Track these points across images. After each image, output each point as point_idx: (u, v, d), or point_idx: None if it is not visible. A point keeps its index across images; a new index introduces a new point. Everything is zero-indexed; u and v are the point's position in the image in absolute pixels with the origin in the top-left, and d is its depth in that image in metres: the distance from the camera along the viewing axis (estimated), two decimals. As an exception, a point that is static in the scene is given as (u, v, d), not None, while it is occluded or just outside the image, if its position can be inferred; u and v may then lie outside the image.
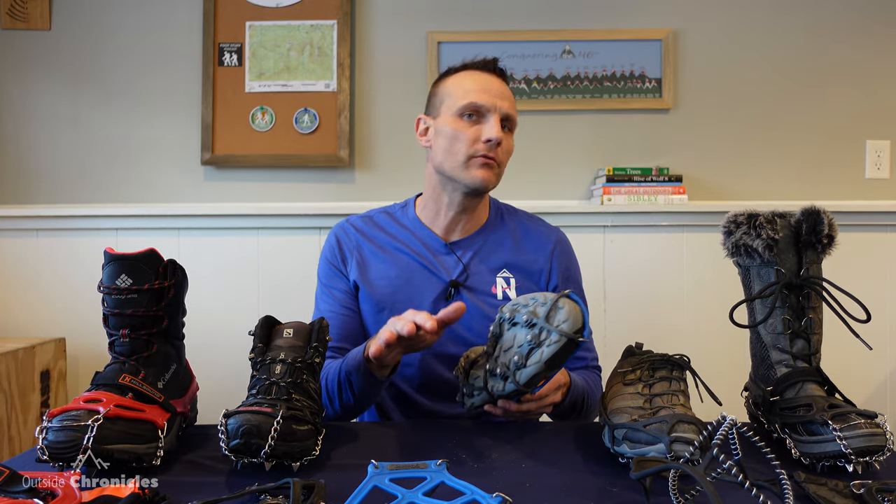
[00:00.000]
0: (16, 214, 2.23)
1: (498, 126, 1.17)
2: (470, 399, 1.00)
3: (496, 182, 1.22)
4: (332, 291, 1.27)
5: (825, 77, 2.28)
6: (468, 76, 1.22)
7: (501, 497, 0.65)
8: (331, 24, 2.29)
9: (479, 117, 1.18)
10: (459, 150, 1.18)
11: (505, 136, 1.19)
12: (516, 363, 0.87)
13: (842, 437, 0.78)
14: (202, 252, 2.23)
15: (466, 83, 1.21)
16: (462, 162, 1.18)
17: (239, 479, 0.79)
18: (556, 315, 0.85)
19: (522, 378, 0.87)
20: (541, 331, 0.86)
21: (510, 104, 1.21)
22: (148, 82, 2.31)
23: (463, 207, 1.24)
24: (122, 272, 0.86)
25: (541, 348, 0.85)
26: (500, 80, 1.23)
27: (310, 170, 2.31)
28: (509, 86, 1.25)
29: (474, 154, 1.18)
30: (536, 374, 0.85)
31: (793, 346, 0.93)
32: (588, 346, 1.27)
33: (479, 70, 1.23)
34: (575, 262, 1.33)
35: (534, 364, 0.86)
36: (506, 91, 1.22)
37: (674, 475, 0.69)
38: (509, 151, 1.23)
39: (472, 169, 1.18)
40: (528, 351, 0.86)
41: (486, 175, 1.18)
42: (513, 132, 1.24)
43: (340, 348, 1.22)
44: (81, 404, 0.79)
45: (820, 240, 0.94)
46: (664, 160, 2.28)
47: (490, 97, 1.18)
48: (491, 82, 1.21)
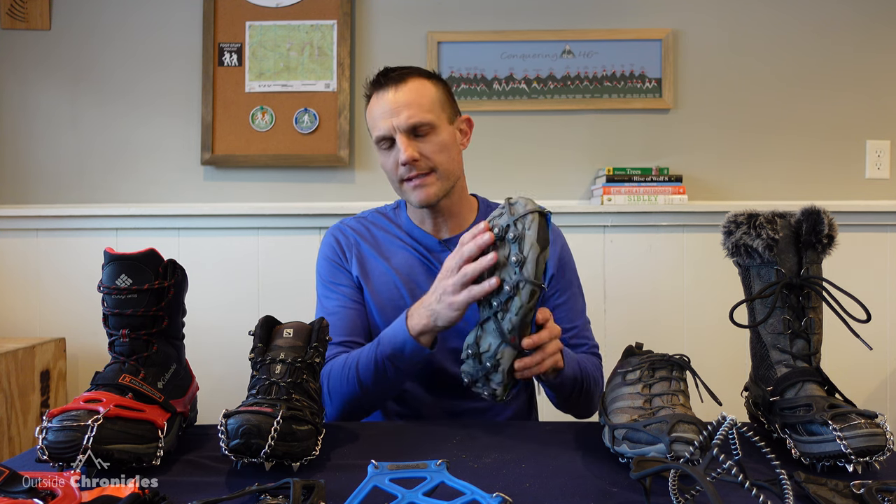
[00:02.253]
0: (16, 214, 2.23)
1: (405, 144, 1.16)
2: (497, 373, 0.97)
3: (444, 185, 1.20)
4: (337, 288, 1.26)
5: (825, 77, 2.29)
6: (372, 105, 1.22)
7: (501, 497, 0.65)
8: (331, 24, 2.29)
9: (391, 142, 1.19)
10: (392, 179, 1.23)
11: (423, 142, 1.18)
12: (517, 261, 0.92)
13: (842, 437, 0.78)
14: (202, 252, 2.23)
15: (371, 115, 1.22)
16: (399, 188, 1.22)
17: (239, 479, 0.79)
18: (516, 207, 0.94)
19: (530, 269, 0.91)
20: (515, 224, 0.93)
21: (411, 110, 1.16)
22: (148, 82, 2.31)
23: (435, 214, 1.25)
24: (122, 272, 0.86)
25: (525, 235, 0.92)
26: (395, 88, 1.18)
27: (310, 170, 2.31)
28: (423, 73, 1.22)
29: (401, 178, 1.20)
30: (537, 257, 0.91)
31: (793, 346, 0.93)
32: (584, 333, 1.28)
33: (377, 91, 1.21)
34: (568, 251, 1.32)
35: (530, 250, 0.91)
36: (401, 98, 1.17)
37: (674, 475, 0.69)
38: (440, 148, 1.19)
39: (408, 193, 1.21)
40: (519, 246, 0.92)
41: (422, 194, 1.19)
42: (437, 126, 1.18)
43: (352, 342, 1.21)
44: (81, 404, 0.79)
45: (820, 240, 0.94)
46: (664, 160, 2.28)
47: (386, 120, 1.17)
48: (386, 101, 1.18)
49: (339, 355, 1.17)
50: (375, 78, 1.23)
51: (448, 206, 1.24)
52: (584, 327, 1.29)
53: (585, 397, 1.18)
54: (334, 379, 1.13)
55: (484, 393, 1.00)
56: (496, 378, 0.97)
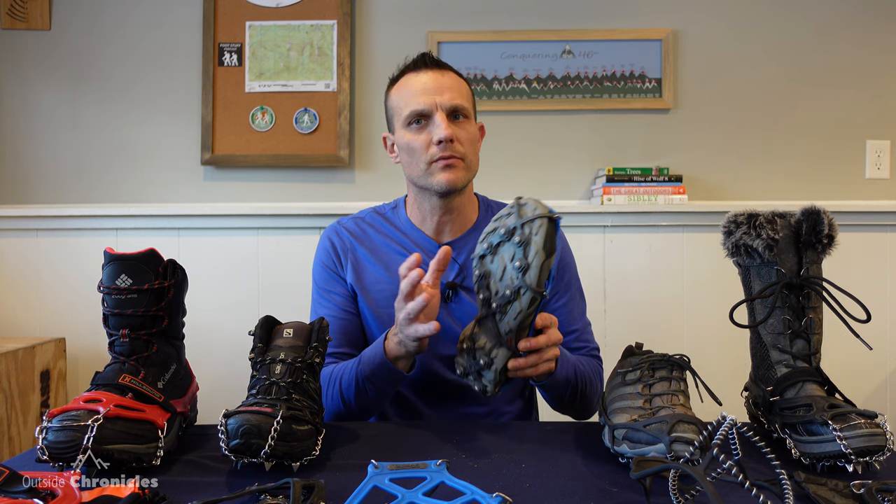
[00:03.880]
0: (16, 214, 2.23)
1: (445, 123, 1.15)
2: (489, 371, 0.96)
3: (467, 176, 1.20)
4: (330, 296, 1.26)
5: (825, 77, 2.29)
6: (405, 83, 1.21)
7: (501, 497, 0.65)
8: (331, 24, 2.29)
9: (426, 120, 1.18)
10: (419, 160, 1.19)
11: (458, 127, 1.18)
12: (520, 267, 0.89)
13: (842, 437, 0.78)
14: (202, 252, 2.23)
15: (405, 91, 1.20)
16: (424, 170, 1.19)
17: (239, 479, 0.79)
18: (525, 210, 0.91)
19: (532, 276, 0.88)
20: (522, 227, 0.89)
21: (453, 93, 1.18)
22: (148, 82, 2.31)
23: (445, 209, 1.23)
24: (122, 272, 0.86)
25: (532, 241, 0.88)
26: (437, 72, 1.20)
27: (310, 170, 2.31)
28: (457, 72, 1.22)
29: (432, 159, 1.17)
30: (541, 265, 0.87)
31: (793, 346, 0.93)
32: (585, 336, 1.27)
33: (414, 71, 1.21)
34: (569, 251, 1.31)
35: (535, 257, 0.88)
36: (445, 82, 1.18)
37: (674, 475, 0.69)
38: (471, 139, 1.20)
39: (435, 174, 1.18)
40: (524, 251, 0.89)
41: (450, 176, 1.17)
42: (470, 118, 1.21)
43: (343, 353, 1.21)
44: (81, 404, 0.79)
45: (820, 240, 0.94)
46: (664, 160, 2.28)
47: (427, 97, 1.17)
48: (427, 80, 1.18)
49: (328, 366, 1.17)
50: (419, 58, 1.22)
51: (459, 202, 1.24)
52: (585, 330, 1.27)
53: (581, 400, 1.17)
54: (321, 391, 1.13)
55: (475, 387, 0.99)
56: (488, 375, 0.97)
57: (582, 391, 1.15)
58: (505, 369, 0.96)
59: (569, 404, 1.17)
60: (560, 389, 1.12)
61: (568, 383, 1.11)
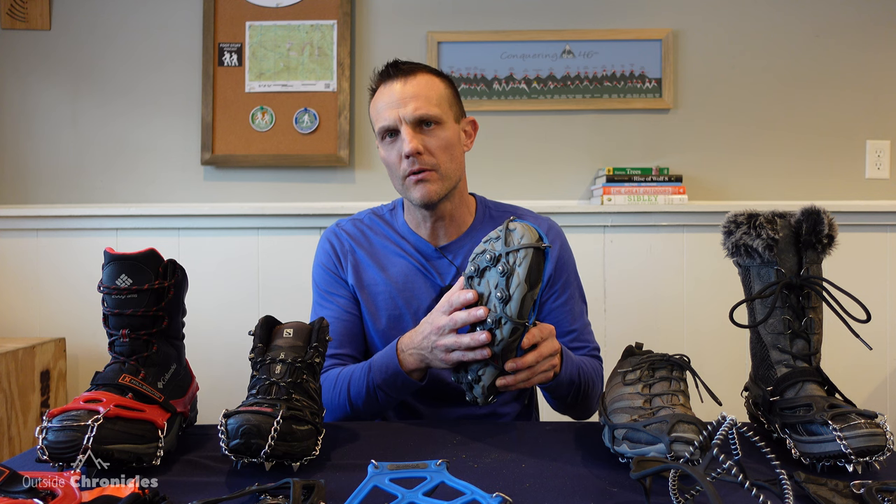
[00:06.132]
0: (16, 214, 2.23)
1: (409, 136, 1.13)
2: (478, 385, 0.98)
3: (444, 185, 1.17)
4: (333, 298, 1.25)
5: (825, 77, 2.29)
6: (378, 96, 1.19)
7: (501, 497, 0.65)
8: (331, 24, 2.29)
9: (395, 134, 1.17)
10: (395, 175, 1.19)
11: (428, 136, 1.15)
12: (501, 298, 0.89)
13: (842, 437, 0.78)
14: (202, 252, 2.23)
15: (377, 105, 1.19)
16: (401, 185, 1.19)
17: (239, 479, 0.79)
18: (513, 237, 0.90)
19: (513, 308, 0.88)
20: (507, 256, 0.89)
21: (418, 102, 1.14)
22: (148, 82, 2.31)
23: (435, 217, 1.22)
24: (122, 272, 0.86)
25: (515, 272, 0.88)
26: (403, 80, 1.16)
27: (310, 170, 2.31)
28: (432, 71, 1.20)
29: (405, 174, 1.16)
30: (523, 297, 0.87)
31: (793, 346, 0.93)
32: (585, 336, 1.26)
33: (384, 83, 1.19)
34: (568, 250, 1.30)
35: (516, 289, 0.88)
36: (409, 90, 1.15)
37: (674, 475, 0.69)
38: (444, 146, 1.16)
39: (410, 189, 1.17)
40: (506, 282, 0.88)
41: (423, 191, 1.16)
42: (444, 122, 1.17)
43: (344, 354, 1.21)
44: (81, 404, 0.79)
45: (820, 240, 0.94)
46: (664, 160, 2.28)
47: (391, 111, 1.15)
48: (393, 91, 1.16)
49: (333, 368, 1.17)
50: (384, 69, 1.20)
51: (448, 209, 1.22)
52: (584, 330, 1.27)
53: (583, 400, 1.17)
54: (325, 393, 1.13)
55: (467, 396, 1.01)
56: (477, 389, 0.98)
57: (584, 392, 1.15)
58: (493, 386, 0.97)
59: (571, 405, 1.17)
60: (563, 391, 1.12)
61: (571, 384, 1.12)
